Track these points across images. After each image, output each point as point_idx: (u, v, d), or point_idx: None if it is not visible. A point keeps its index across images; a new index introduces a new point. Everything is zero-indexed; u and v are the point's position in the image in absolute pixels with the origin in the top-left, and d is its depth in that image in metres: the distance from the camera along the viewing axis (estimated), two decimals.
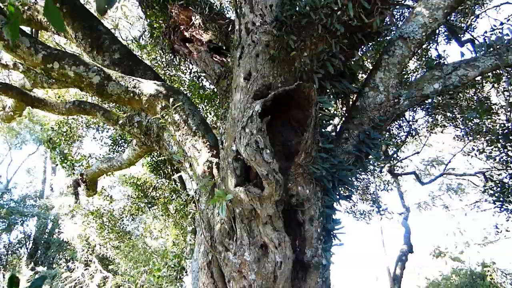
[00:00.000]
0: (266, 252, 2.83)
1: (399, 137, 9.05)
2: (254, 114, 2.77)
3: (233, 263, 2.89)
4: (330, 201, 3.35)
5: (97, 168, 6.61)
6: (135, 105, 3.76)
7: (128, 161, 5.87)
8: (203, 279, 3.29)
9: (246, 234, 2.87)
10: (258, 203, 2.69)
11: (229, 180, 2.90)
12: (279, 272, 2.71)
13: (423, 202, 14.00)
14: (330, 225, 3.34)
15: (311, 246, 3.11)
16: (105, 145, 9.37)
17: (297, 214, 3.13)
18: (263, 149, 2.65)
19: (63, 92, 8.73)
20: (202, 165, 3.53)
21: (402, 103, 3.70)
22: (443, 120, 8.20)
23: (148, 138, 4.47)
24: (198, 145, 3.64)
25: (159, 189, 10.00)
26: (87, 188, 7.11)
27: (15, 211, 19.33)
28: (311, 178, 3.15)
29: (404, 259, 11.18)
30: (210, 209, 3.33)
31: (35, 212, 20.28)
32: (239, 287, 2.86)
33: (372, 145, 3.57)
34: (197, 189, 3.58)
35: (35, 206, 21.05)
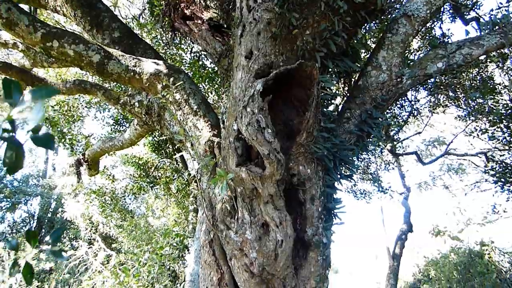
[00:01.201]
0: (267, 230, 2.85)
1: (400, 117, 9.02)
2: (256, 93, 2.75)
3: (234, 241, 2.91)
4: (331, 180, 3.36)
5: (99, 147, 6.62)
6: (136, 84, 3.74)
7: (130, 141, 5.87)
8: (205, 257, 3.33)
9: (247, 213, 2.89)
10: (259, 182, 2.70)
11: (230, 159, 2.90)
12: (280, 250, 2.74)
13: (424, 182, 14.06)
14: (331, 204, 3.36)
15: (312, 225, 3.14)
16: (106, 125, 9.37)
17: (298, 193, 3.15)
18: (265, 129, 2.64)
19: (64, 71, 8.68)
20: (204, 144, 3.53)
21: (405, 82, 3.67)
22: (446, 100, 8.15)
23: (149, 117, 4.46)
24: (199, 125, 3.63)
25: (160, 169, 10.04)
26: (89, 168, 7.13)
27: (18, 190, 19.49)
28: (313, 157, 3.15)
29: (404, 238, 11.30)
30: (211, 188, 3.35)
31: (38, 191, 20.44)
32: (241, 265, 2.90)
33: (374, 125, 3.55)
34: (198, 168, 3.59)
35: (38, 185, 21.20)
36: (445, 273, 12.13)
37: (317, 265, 3.14)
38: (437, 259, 13.22)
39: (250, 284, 2.87)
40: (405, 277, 16.49)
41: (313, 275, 3.10)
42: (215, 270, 3.21)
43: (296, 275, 3.04)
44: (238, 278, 2.98)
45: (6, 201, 19.45)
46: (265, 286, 2.86)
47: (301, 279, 3.08)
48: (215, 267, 3.21)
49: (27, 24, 3.30)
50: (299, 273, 3.10)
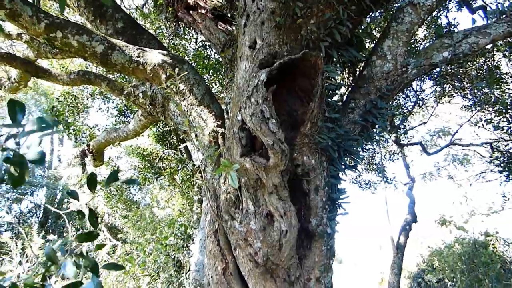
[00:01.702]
0: (271, 221, 2.86)
1: (405, 107, 8.97)
2: (260, 83, 2.74)
3: (239, 232, 2.92)
4: (336, 170, 3.36)
5: (104, 138, 6.64)
6: (140, 74, 3.73)
7: (134, 132, 5.88)
8: (209, 247, 3.35)
9: (251, 203, 2.89)
10: (263, 172, 2.70)
11: (234, 150, 2.90)
12: (284, 240, 2.75)
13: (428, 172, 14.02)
14: (335, 195, 3.37)
15: (316, 215, 3.14)
16: (111, 116, 9.39)
17: (302, 184, 3.15)
18: (269, 119, 2.63)
19: (68, 62, 8.68)
20: (208, 135, 3.53)
21: (410, 72, 3.64)
22: (451, 90, 8.09)
23: (153, 108, 4.46)
24: (203, 115, 3.63)
25: (165, 160, 10.07)
26: (94, 159, 7.16)
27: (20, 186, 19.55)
28: (317, 148, 3.15)
29: (408, 228, 11.30)
30: (216, 179, 3.35)
31: (44, 182, 20.58)
32: (245, 255, 2.91)
33: (379, 115, 3.54)
34: (203, 159, 3.60)
35: (44, 176, 21.34)
36: (449, 263, 12.15)
37: (321, 255, 3.15)
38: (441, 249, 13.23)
39: (255, 274, 2.89)
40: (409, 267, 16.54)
41: (317, 265, 3.12)
42: (219, 259, 3.23)
43: (300, 265, 3.06)
44: (243, 268, 3.00)
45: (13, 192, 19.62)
46: (270, 276, 2.87)
47: (305, 268, 3.10)
48: (220, 257, 3.23)
49: (30, 15, 3.29)
50: (304, 263, 3.11)
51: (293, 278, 2.95)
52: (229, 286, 3.18)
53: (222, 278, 3.20)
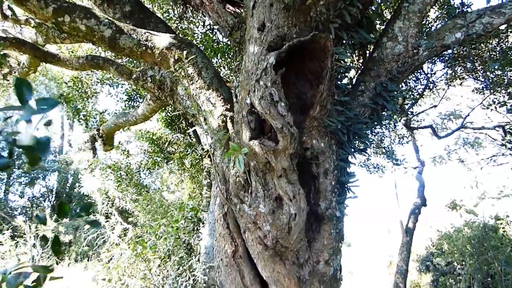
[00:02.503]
0: (280, 204, 2.87)
1: (416, 90, 8.85)
2: (268, 66, 2.72)
3: (248, 215, 2.94)
4: (345, 154, 3.34)
5: (113, 123, 6.68)
6: (148, 58, 3.72)
7: (143, 116, 5.90)
8: (219, 230, 3.38)
9: (261, 187, 2.90)
10: (272, 156, 2.69)
11: (243, 133, 2.89)
12: (294, 223, 2.76)
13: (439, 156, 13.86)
14: (344, 178, 3.36)
15: (325, 198, 3.14)
16: (120, 101, 9.42)
17: (311, 167, 3.14)
18: (278, 102, 2.61)
19: (76, 47, 8.68)
20: (217, 119, 3.52)
21: (421, 54, 3.57)
22: (463, 72, 7.93)
23: (162, 92, 4.46)
24: (212, 99, 3.62)
25: (174, 144, 10.12)
26: (104, 143, 7.22)
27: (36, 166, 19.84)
28: (326, 131, 3.13)
29: (417, 212, 11.27)
30: (225, 163, 3.36)
31: (55, 167, 20.87)
32: (255, 238, 2.93)
33: (389, 98, 3.49)
34: (212, 143, 3.60)
35: (55, 161, 21.61)
36: (458, 247, 12.14)
37: (330, 238, 3.16)
38: (451, 233, 13.21)
39: (264, 256, 2.91)
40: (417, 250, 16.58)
41: (326, 248, 3.14)
42: (229, 242, 3.26)
43: (309, 248, 3.08)
44: (252, 251, 3.03)
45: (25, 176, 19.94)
46: (279, 258, 2.90)
47: (314, 251, 3.12)
48: (229, 240, 3.26)
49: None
50: (312, 246, 3.13)
51: (302, 261, 2.97)
52: (238, 268, 3.21)
53: (231, 261, 3.23)
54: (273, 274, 2.93)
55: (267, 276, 2.98)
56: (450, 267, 13.79)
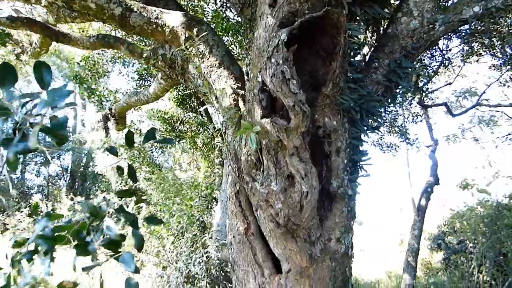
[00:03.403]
0: (292, 182, 2.87)
1: (430, 67, 8.67)
2: (280, 43, 2.67)
3: (260, 193, 2.95)
4: (358, 132, 3.31)
5: (125, 102, 6.70)
6: (159, 36, 3.70)
7: (155, 95, 5.91)
8: (231, 208, 3.41)
9: (272, 165, 2.90)
10: (284, 134, 2.68)
11: (255, 111, 2.88)
12: (305, 201, 2.77)
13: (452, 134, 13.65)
14: (356, 156, 3.34)
15: (337, 176, 3.14)
16: (131, 80, 9.43)
17: (323, 146, 3.13)
18: (290, 80, 2.58)
19: (87, 26, 8.66)
20: (228, 97, 3.51)
21: (438, 29, 3.48)
22: (480, 48, 7.73)
23: (173, 71, 4.44)
24: (223, 77, 3.59)
25: (186, 123, 10.15)
26: (116, 122, 7.27)
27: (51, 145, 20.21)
28: (339, 109, 3.10)
29: (430, 191, 11.19)
30: (237, 141, 3.36)
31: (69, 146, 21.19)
32: (266, 215, 2.95)
33: (403, 75, 3.43)
34: (223, 121, 3.60)
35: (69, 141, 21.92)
36: (471, 226, 12.09)
37: (342, 216, 3.17)
38: (463, 212, 13.14)
39: (276, 234, 2.94)
40: (429, 229, 16.57)
41: (337, 225, 3.14)
42: (241, 220, 3.29)
43: (321, 226, 3.09)
44: (264, 228, 3.05)
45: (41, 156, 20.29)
46: (291, 236, 2.92)
47: (326, 229, 3.13)
48: (242, 218, 3.29)
49: None
50: (324, 223, 3.14)
51: (313, 238, 2.99)
52: (251, 245, 3.25)
53: (244, 238, 3.27)
54: (285, 251, 2.96)
55: (279, 253, 3.01)
56: (462, 246, 13.78)
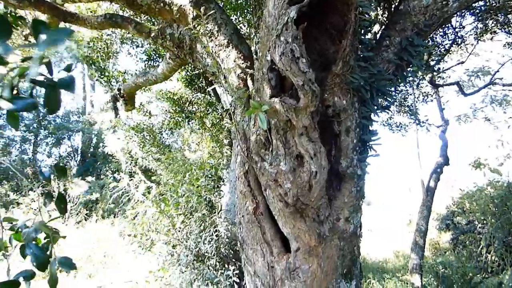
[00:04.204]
0: (301, 162, 2.86)
1: (443, 46, 8.51)
2: (289, 21, 2.62)
3: (269, 173, 2.96)
4: (367, 111, 3.27)
5: (133, 82, 6.70)
6: (166, 15, 3.66)
7: (163, 75, 5.88)
8: (240, 187, 3.42)
9: (281, 145, 2.89)
10: (293, 114, 2.66)
11: (264, 91, 2.85)
12: (314, 181, 2.77)
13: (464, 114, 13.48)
14: (366, 136, 3.31)
15: (347, 156, 3.12)
16: (140, 61, 9.41)
17: (333, 125, 3.10)
18: (299, 58, 2.54)
19: (95, 6, 8.60)
20: (237, 76, 3.48)
21: (451, 5, 3.38)
22: (494, 26, 7.54)
23: (181, 50, 4.41)
24: (232, 56, 3.56)
25: (195, 104, 10.14)
26: (125, 103, 7.28)
27: (61, 127, 20.46)
28: (348, 88, 3.06)
29: (439, 171, 11.11)
30: (245, 121, 3.35)
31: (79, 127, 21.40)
32: (275, 195, 2.96)
33: (415, 53, 3.36)
34: (232, 101, 3.58)
35: (79, 122, 22.14)
36: (481, 206, 12.06)
37: (351, 196, 3.17)
38: (473, 192, 13.09)
39: (285, 213, 2.95)
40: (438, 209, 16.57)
41: (346, 205, 3.15)
42: (250, 200, 3.30)
43: (329, 205, 3.10)
44: (273, 208, 3.07)
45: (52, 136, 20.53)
46: (299, 215, 2.93)
47: (335, 209, 3.14)
48: (251, 197, 3.30)
49: None
50: (333, 203, 3.15)
51: (322, 218, 3.00)
52: (259, 225, 3.27)
53: (252, 218, 3.29)
54: (293, 231, 2.98)
55: (288, 232, 3.03)
56: (470, 226, 13.79)
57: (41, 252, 1.60)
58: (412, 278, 9.57)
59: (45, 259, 1.59)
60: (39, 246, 1.63)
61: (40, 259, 1.57)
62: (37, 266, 1.57)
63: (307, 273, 3.01)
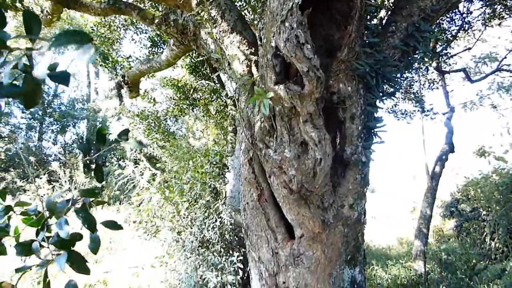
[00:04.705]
0: (306, 149, 2.85)
1: (449, 32, 8.40)
2: (294, 6, 2.59)
3: (273, 160, 2.96)
4: (373, 98, 3.25)
5: (138, 69, 6.68)
6: (170, 1, 3.62)
7: (167, 62, 5.86)
8: (245, 174, 3.43)
9: (286, 132, 2.88)
10: (298, 100, 2.64)
11: (268, 78, 2.83)
12: (319, 168, 2.76)
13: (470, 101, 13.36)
14: (371, 123, 3.29)
15: (351, 143, 3.11)
16: (144, 47, 9.37)
17: (338, 112, 3.09)
18: (304, 44, 2.51)
19: None
20: (241, 63, 3.46)
21: None
22: (503, 11, 7.43)
23: (185, 37, 4.38)
24: (236, 43, 3.53)
25: (199, 91, 10.12)
26: (129, 90, 7.27)
27: (66, 114, 20.52)
28: (354, 74, 3.03)
29: (444, 158, 11.07)
30: (250, 108, 3.34)
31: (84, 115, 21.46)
32: (280, 182, 2.96)
33: (421, 39, 3.31)
34: (236, 88, 3.56)
35: (83, 109, 22.19)
36: (485, 193, 12.03)
37: (355, 183, 3.16)
38: (478, 180, 13.05)
39: (289, 200, 2.96)
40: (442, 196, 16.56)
41: (351, 192, 3.15)
42: (255, 187, 3.31)
43: (334, 192, 3.10)
44: (277, 195, 3.07)
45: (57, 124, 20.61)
46: (304, 202, 2.94)
47: (339, 196, 3.14)
48: (255, 184, 3.31)
49: None
50: (337, 190, 3.15)
51: (326, 205, 3.01)
52: (264, 211, 3.29)
53: (257, 204, 3.31)
54: (297, 217, 2.99)
55: (292, 219, 3.04)
56: (475, 213, 13.79)
57: (89, 215, 1.75)
58: (415, 265, 9.61)
59: (93, 221, 1.74)
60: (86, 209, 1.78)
61: (89, 221, 1.73)
62: (88, 227, 1.72)
63: (311, 259, 3.02)
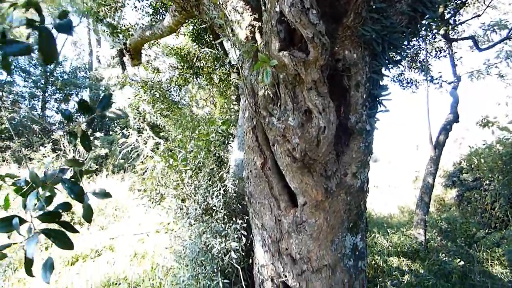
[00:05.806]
0: (310, 117, 2.83)
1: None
2: None
3: (277, 128, 2.94)
4: (378, 66, 3.19)
5: (139, 36, 6.57)
6: None
7: (169, 28, 5.74)
8: (248, 142, 3.43)
9: (290, 100, 2.85)
10: (302, 68, 2.60)
11: (272, 44, 2.78)
12: (323, 136, 2.75)
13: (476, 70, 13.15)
14: (376, 91, 3.25)
15: (356, 111, 3.08)
16: (146, 15, 9.18)
17: (342, 80, 3.05)
18: (309, 10, 2.45)
19: None
20: (244, 29, 3.39)
21: None
22: None
23: (187, 2, 4.28)
24: (239, 8, 3.45)
25: (202, 59, 9.99)
26: (131, 58, 7.18)
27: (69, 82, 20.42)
28: (360, 41, 2.97)
29: (449, 128, 10.99)
30: (253, 75, 3.30)
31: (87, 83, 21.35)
32: (283, 150, 2.96)
33: (430, 4, 3.22)
34: (239, 55, 3.51)
35: (86, 78, 22.05)
36: (488, 163, 12.05)
37: (359, 151, 3.16)
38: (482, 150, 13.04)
39: (292, 168, 2.97)
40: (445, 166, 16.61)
41: (354, 161, 3.15)
42: (258, 155, 3.32)
43: (337, 161, 3.10)
44: (281, 163, 3.08)
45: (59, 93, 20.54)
46: (307, 170, 2.95)
47: (343, 164, 3.14)
48: (259, 152, 3.32)
49: None
50: (341, 158, 3.15)
51: (329, 173, 3.02)
52: (267, 179, 3.31)
53: (260, 172, 3.32)
54: (300, 185, 3.01)
55: (295, 187, 3.06)
56: (477, 183, 13.86)
57: (75, 185, 1.74)
58: (416, 233, 9.74)
59: (80, 191, 1.73)
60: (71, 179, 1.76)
61: (76, 191, 1.71)
62: (75, 197, 1.70)
63: (313, 226, 3.06)
